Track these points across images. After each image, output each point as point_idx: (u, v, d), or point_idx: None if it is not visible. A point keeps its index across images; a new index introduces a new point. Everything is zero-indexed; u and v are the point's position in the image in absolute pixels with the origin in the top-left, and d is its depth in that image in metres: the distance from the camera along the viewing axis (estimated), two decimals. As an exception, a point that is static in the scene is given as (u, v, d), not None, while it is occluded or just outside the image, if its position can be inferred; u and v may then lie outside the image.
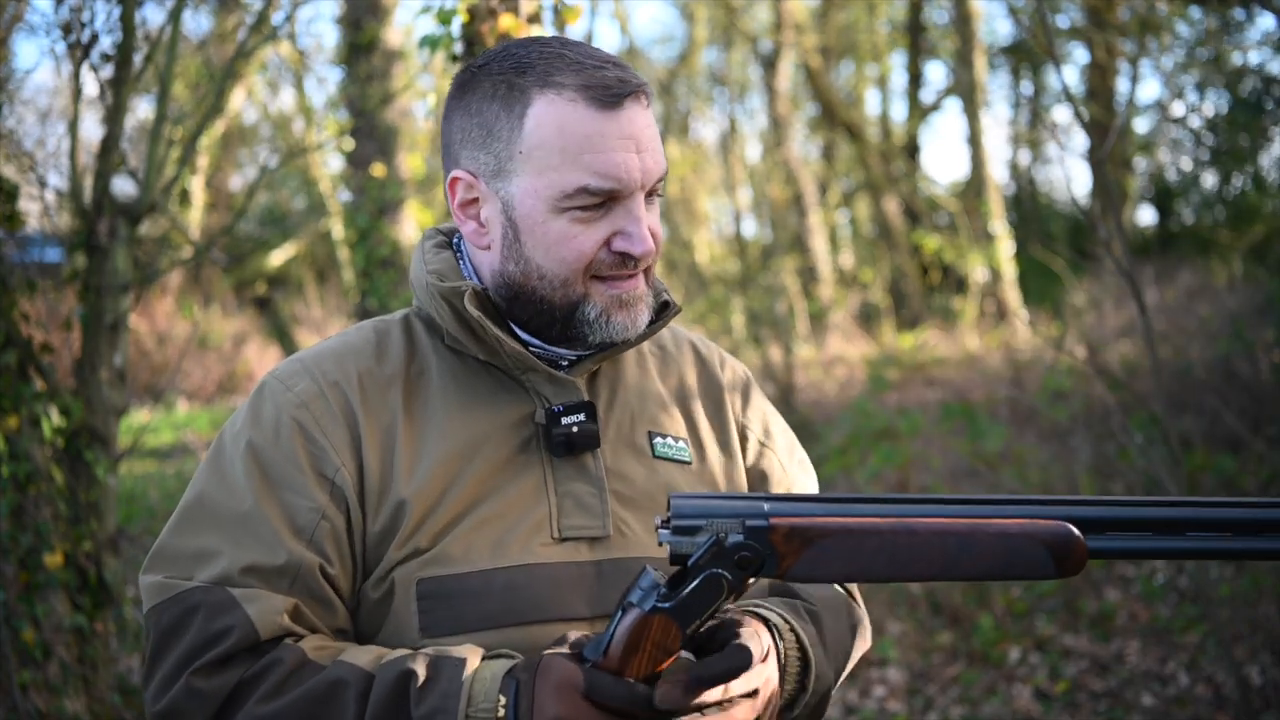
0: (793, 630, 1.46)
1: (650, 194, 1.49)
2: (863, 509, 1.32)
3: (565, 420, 1.48)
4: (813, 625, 1.51)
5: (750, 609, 1.46)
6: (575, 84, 1.42)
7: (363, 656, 1.36)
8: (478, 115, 1.47)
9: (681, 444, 1.59)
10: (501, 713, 1.29)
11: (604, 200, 1.43)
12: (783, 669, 1.42)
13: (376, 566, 1.44)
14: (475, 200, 1.50)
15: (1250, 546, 1.31)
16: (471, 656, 1.34)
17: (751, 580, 1.30)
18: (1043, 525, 1.30)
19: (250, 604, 1.36)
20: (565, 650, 1.32)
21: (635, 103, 1.44)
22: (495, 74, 1.46)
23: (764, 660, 1.35)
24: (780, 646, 1.42)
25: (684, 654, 1.32)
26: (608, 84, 1.42)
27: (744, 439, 1.66)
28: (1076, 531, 1.30)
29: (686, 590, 1.29)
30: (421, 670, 1.32)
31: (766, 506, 1.31)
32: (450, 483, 1.45)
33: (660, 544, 1.32)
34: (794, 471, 1.70)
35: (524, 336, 1.53)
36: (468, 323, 1.49)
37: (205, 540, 1.41)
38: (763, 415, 1.70)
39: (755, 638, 1.34)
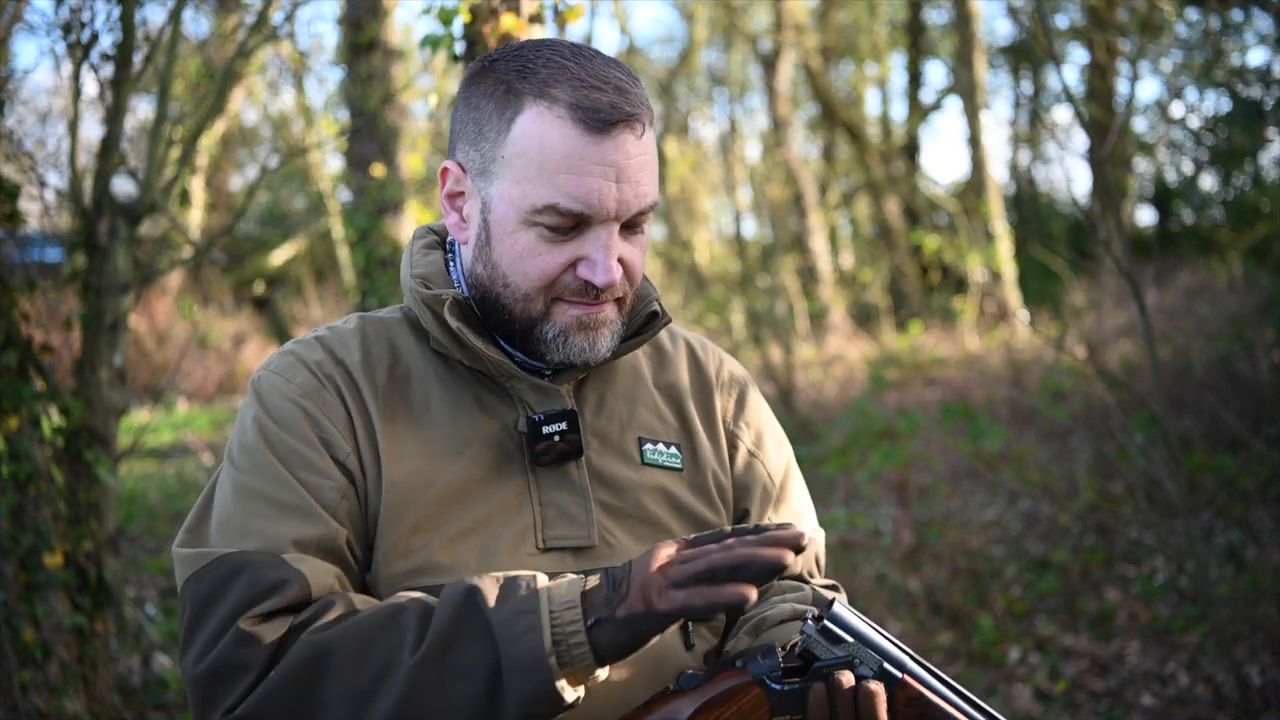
0: None
1: (632, 225, 1.46)
2: None
3: (547, 430, 1.47)
4: None
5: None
6: (567, 100, 1.40)
7: (415, 594, 1.36)
8: (475, 110, 1.47)
9: (673, 450, 1.57)
10: (586, 605, 1.28)
11: (574, 223, 1.41)
12: None
13: (372, 557, 1.44)
14: (462, 193, 1.50)
15: None
16: (539, 575, 1.34)
17: None
18: None
19: (303, 564, 1.35)
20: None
21: (627, 131, 1.41)
22: (499, 72, 1.46)
23: None
24: None
25: None
26: (599, 107, 1.39)
27: (733, 446, 1.63)
28: None
29: (798, 685, 1.31)
30: (492, 585, 1.30)
31: (910, 665, 1.34)
32: (428, 486, 1.45)
33: (801, 632, 1.34)
34: (782, 492, 1.66)
35: (506, 345, 1.52)
36: (451, 329, 1.48)
37: (241, 518, 1.39)
38: (757, 424, 1.67)
39: None
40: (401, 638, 1.29)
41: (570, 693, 1.28)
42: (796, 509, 1.67)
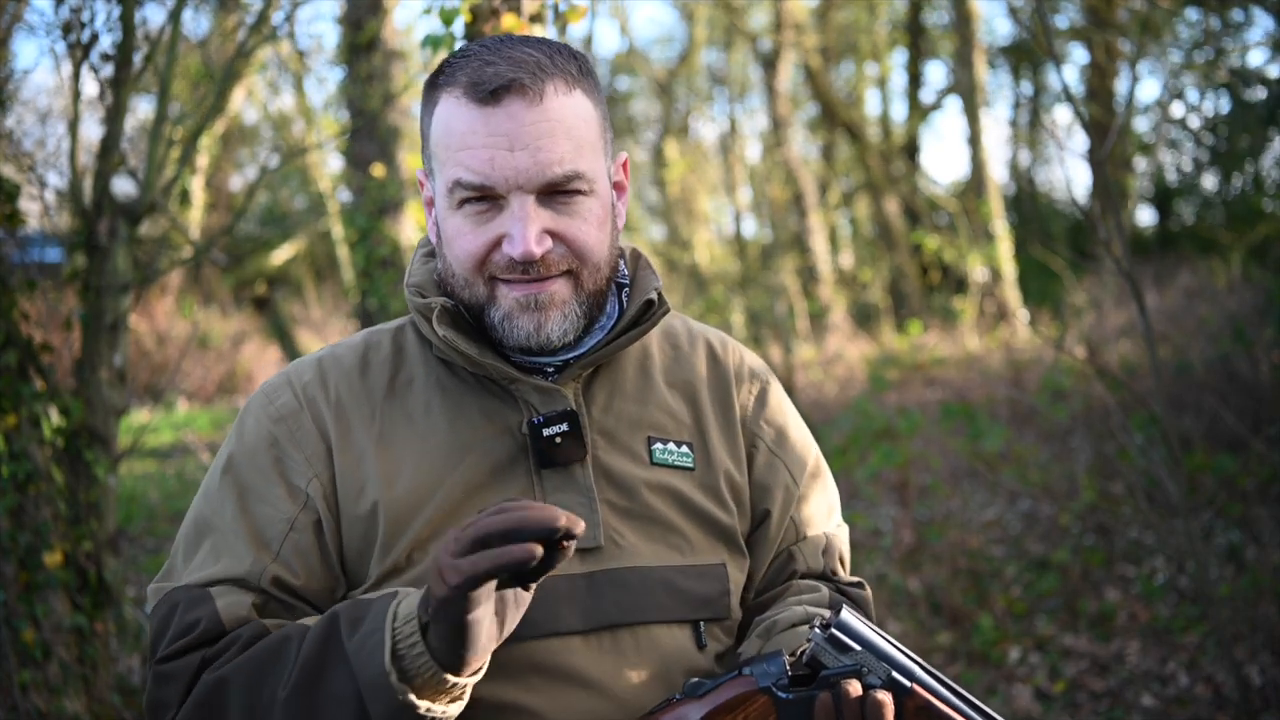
0: None
1: (559, 196, 1.43)
2: None
3: (547, 431, 1.46)
4: None
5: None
6: (462, 81, 1.43)
7: (314, 618, 1.39)
8: (421, 120, 1.52)
9: (684, 449, 1.55)
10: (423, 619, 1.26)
11: (484, 196, 1.42)
12: None
13: (362, 581, 1.45)
14: (431, 199, 1.54)
15: None
16: (403, 590, 1.34)
17: None
18: None
19: (221, 599, 1.41)
20: None
21: (517, 98, 1.40)
22: (431, 79, 1.50)
23: None
24: None
25: None
26: (484, 80, 1.41)
27: (753, 446, 1.60)
28: None
29: (804, 694, 1.30)
30: (352, 608, 1.33)
31: (919, 674, 1.32)
32: (431, 494, 1.45)
33: (808, 640, 1.33)
34: (806, 490, 1.62)
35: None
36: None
37: (193, 551, 1.48)
38: (778, 421, 1.63)
39: None
40: (285, 670, 1.32)
41: (434, 706, 1.27)
42: (819, 506, 1.64)
